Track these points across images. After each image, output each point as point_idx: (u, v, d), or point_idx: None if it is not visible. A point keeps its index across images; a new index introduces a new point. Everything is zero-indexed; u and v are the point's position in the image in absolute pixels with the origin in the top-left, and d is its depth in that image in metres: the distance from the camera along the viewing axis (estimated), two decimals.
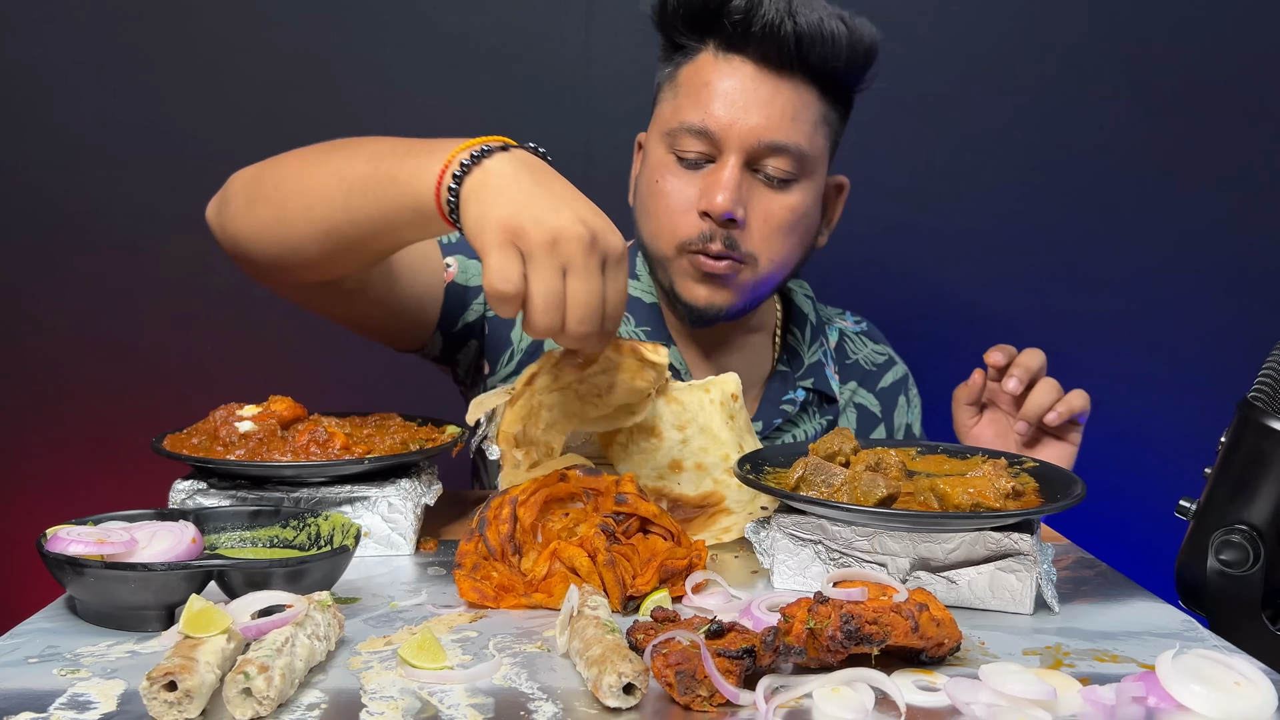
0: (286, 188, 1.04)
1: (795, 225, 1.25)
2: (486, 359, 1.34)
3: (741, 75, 1.20)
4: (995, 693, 0.65)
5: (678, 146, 1.23)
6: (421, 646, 0.72)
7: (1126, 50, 1.82)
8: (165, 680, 0.62)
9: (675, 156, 1.24)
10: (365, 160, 0.98)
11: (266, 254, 1.09)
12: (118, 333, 1.83)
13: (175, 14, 1.78)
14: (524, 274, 0.84)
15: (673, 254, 1.25)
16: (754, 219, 1.22)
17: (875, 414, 1.47)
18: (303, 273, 1.10)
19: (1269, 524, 0.88)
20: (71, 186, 1.81)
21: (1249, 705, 0.64)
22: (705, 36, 1.23)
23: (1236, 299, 1.85)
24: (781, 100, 1.20)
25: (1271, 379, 0.90)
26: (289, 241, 1.05)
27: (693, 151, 1.22)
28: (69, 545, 0.78)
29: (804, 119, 1.22)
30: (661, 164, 1.26)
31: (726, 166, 1.20)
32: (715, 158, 1.22)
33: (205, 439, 1.00)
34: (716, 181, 1.20)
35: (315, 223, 1.02)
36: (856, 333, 1.52)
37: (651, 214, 1.27)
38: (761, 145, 1.20)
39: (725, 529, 1.03)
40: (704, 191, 1.22)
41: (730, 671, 0.66)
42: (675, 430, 1.05)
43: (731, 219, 1.20)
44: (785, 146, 1.21)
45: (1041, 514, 0.86)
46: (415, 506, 0.99)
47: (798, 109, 1.21)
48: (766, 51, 1.19)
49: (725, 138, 1.20)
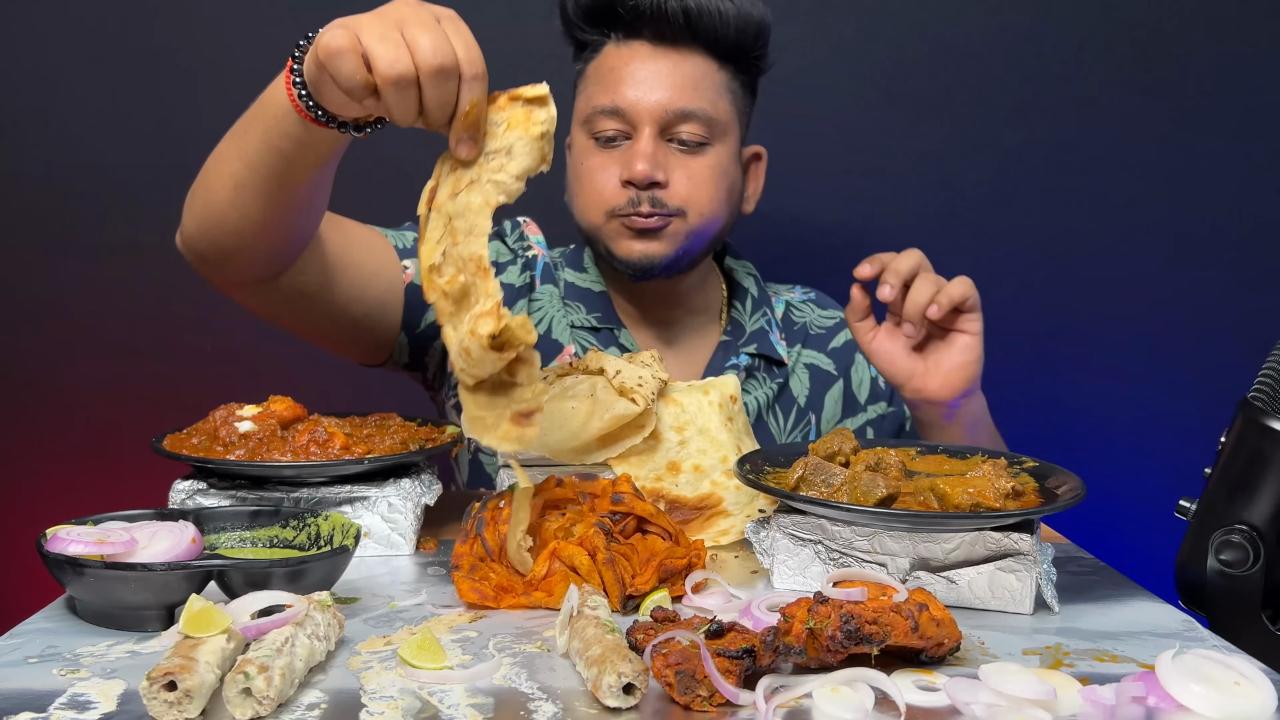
0: (210, 188, 1.12)
1: (717, 180, 1.34)
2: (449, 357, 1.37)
3: (642, 55, 1.32)
4: (995, 693, 0.65)
5: (594, 129, 1.33)
6: (421, 646, 0.72)
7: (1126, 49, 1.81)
8: (165, 680, 0.62)
9: (594, 140, 1.34)
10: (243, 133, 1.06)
11: (208, 239, 1.14)
12: (118, 333, 1.83)
13: (176, 13, 1.78)
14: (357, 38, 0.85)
15: (603, 220, 1.34)
16: (675, 179, 1.32)
17: (830, 372, 1.50)
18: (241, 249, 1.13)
19: (1269, 524, 0.88)
20: (71, 186, 1.81)
21: (1249, 705, 0.64)
22: (605, 29, 1.34)
23: (1236, 299, 1.85)
24: (682, 71, 1.31)
25: (1271, 379, 0.90)
26: (214, 216, 1.11)
27: (609, 129, 1.32)
28: (69, 545, 0.78)
29: (705, 86, 1.32)
30: (583, 149, 1.35)
31: (642, 138, 1.30)
32: (631, 134, 1.32)
33: (205, 439, 1.00)
34: (635, 152, 1.30)
35: (226, 187, 1.08)
36: (803, 301, 1.56)
37: (579, 193, 1.37)
38: (670, 113, 1.30)
39: (723, 531, 1.03)
40: (625, 163, 1.31)
41: (730, 671, 0.66)
42: (674, 432, 1.05)
43: (654, 182, 1.30)
44: (692, 112, 1.31)
45: (1041, 514, 0.86)
46: (415, 506, 0.99)
47: (698, 78, 1.32)
48: (660, 29, 1.30)
49: (636, 112, 1.30)
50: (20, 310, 1.84)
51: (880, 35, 1.82)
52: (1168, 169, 1.84)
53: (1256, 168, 1.83)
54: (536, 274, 1.45)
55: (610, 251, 1.35)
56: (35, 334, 1.84)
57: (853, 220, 1.86)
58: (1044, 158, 1.84)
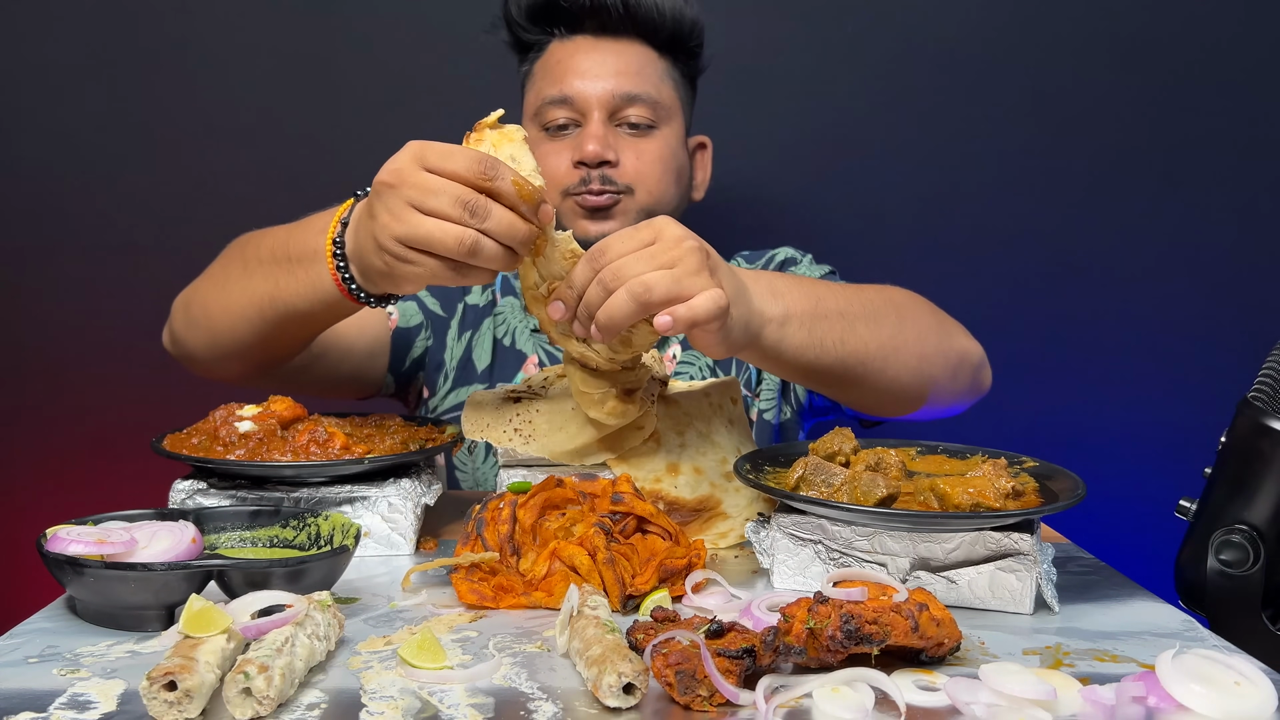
0: (210, 312, 1.17)
1: (666, 161, 1.39)
2: (425, 385, 1.45)
3: (585, 47, 1.38)
4: (995, 693, 0.65)
5: (544, 120, 1.39)
6: (421, 646, 0.72)
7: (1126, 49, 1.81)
8: (165, 680, 0.62)
9: (544, 130, 1.39)
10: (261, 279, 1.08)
11: (217, 364, 1.22)
12: (118, 333, 1.83)
13: (176, 14, 1.78)
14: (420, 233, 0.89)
15: (558, 202, 1.37)
16: (625, 159, 1.37)
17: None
18: (257, 371, 1.22)
19: (1269, 524, 0.88)
20: (71, 186, 1.81)
21: (1249, 705, 0.64)
22: (548, 28, 1.40)
23: (1236, 299, 1.85)
24: (625, 58, 1.37)
25: (1271, 379, 0.90)
26: (231, 352, 1.17)
27: (559, 118, 1.37)
28: (69, 545, 0.78)
29: (649, 73, 1.38)
30: (537, 141, 1.40)
31: (592, 122, 1.36)
32: (580, 121, 1.37)
33: (205, 439, 1.00)
34: (586, 134, 1.35)
35: (246, 336, 1.13)
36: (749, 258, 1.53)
37: None
38: (617, 98, 1.36)
39: (722, 534, 1.03)
40: (576, 146, 1.36)
41: (730, 671, 0.66)
42: (674, 434, 1.05)
43: (605, 161, 1.35)
44: (638, 95, 1.36)
45: (1041, 514, 0.86)
46: (415, 506, 0.99)
47: (641, 64, 1.38)
48: (603, 21, 1.37)
49: (584, 98, 1.36)
50: (20, 310, 1.84)
51: (881, 35, 1.82)
52: (1168, 169, 1.84)
53: (1257, 168, 1.83)
54: (496, 288, 1.48)
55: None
56: (35, 334, 1.84)
57: (853, 221, 1.86)
58: (1045, 158, 1.84)
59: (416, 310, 1.43)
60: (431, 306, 1.45)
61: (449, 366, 1.43)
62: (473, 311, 1.46)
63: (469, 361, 1.43)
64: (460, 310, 1.45)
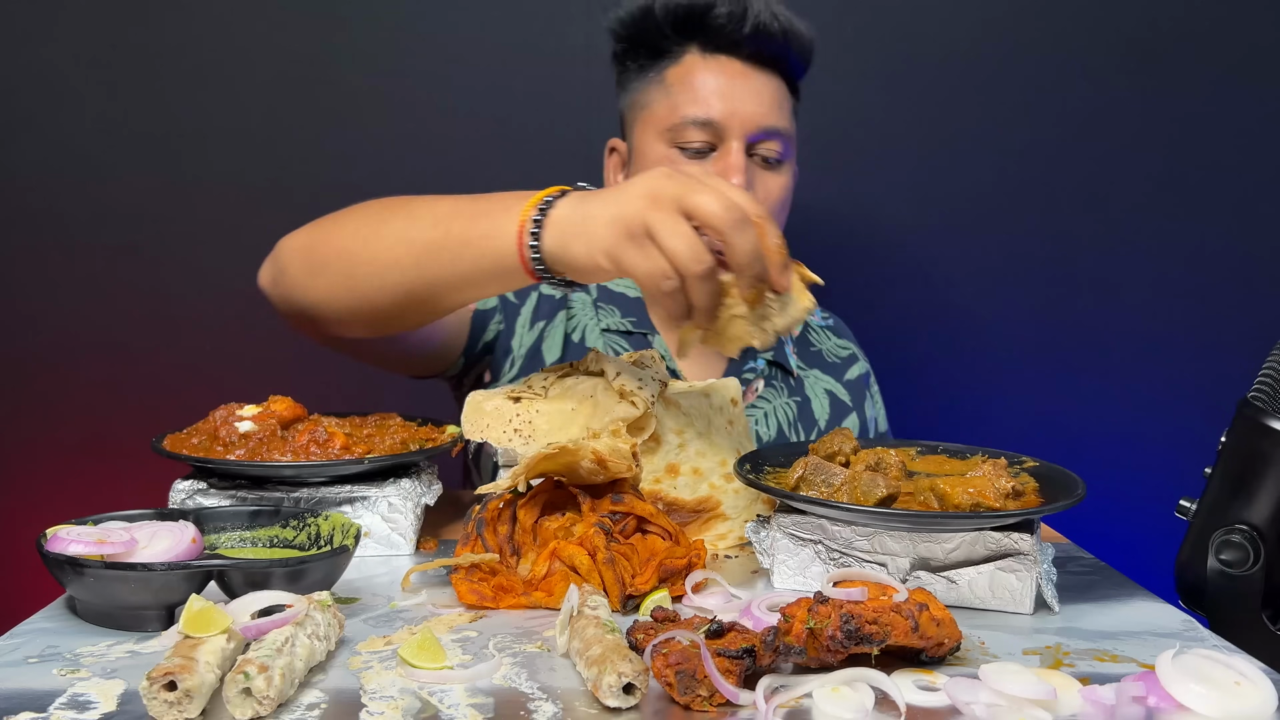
0: (351, 256, 1.07)
1: (787, 200, 1.40)
2: (490, 369, 1.43)
3: (733, 71, 1.34)
4: (995, 693, 0.65)
5: (681, 140, 1.34)
6: (421, 646, 0.72)
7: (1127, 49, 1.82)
8: (165, 680, 0.62)
9: (678, 149, 1.35)
10: (430, 225, 1.02)
11: (336, 316, 1.13)
12: (118, 333, 1.83)
13: (176, 15, 1.78)
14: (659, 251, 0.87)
15: None
16: (758, 193, 1.35)
17: (847, 403, 1.52)
18: (370, 330, 1.14)
19: (1269, 524, 0.88)
20: (72, 187, 1.81)
21: (1249, 705, 0.64)
22: (689, 39, 1.36)
23: (1236, 299, 1.85)
24: (769, 90, 1.35)
25: (1271, 379, 0.90)
26: (362, 305, 1.09)
27: (696, 141, 1.33)
28: (69, 545, 0.78)
29: (785, 106, 1.38)
30: (664, 158, 1.36)
31: (731, 152, 1.32)
32: (716, 146, 1.34)
33: (205, 439, 1.00)
34: (727, 165, 1.32)
35: (389, 288, 1.05)
36: (821, 326, 1.58)
37: None
38: (761, 130, 1.33)
39: (721, 535, 1.03)
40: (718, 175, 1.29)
41: (730, 671, 0.66)
42: (673, 434, 1.05)
43: None
44: (777, 130, 1.35)
45: (1041, 514, 0.86)
46: (415, 506, 0.99)
47: (779, 98, 1.37)
48: (758, 49, 1.34)
49: (728, 126, 1.32)
50: (20, 310, 1.84)
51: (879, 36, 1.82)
52: (1168, 170, 1.84)
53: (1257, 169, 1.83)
54: None
55: None
56: (35, 334, 1.84)
57: (853, 222, 1.86)
58: (1045, 160, 1.84)
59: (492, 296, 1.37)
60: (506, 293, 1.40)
61: (516, 353, 1.41)
62: (547, 301, 1.43)
63: (538, 352, 1.41)
64: (534, 299, 1.42)
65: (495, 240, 0.97)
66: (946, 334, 1.86)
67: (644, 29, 1.37)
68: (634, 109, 1.41)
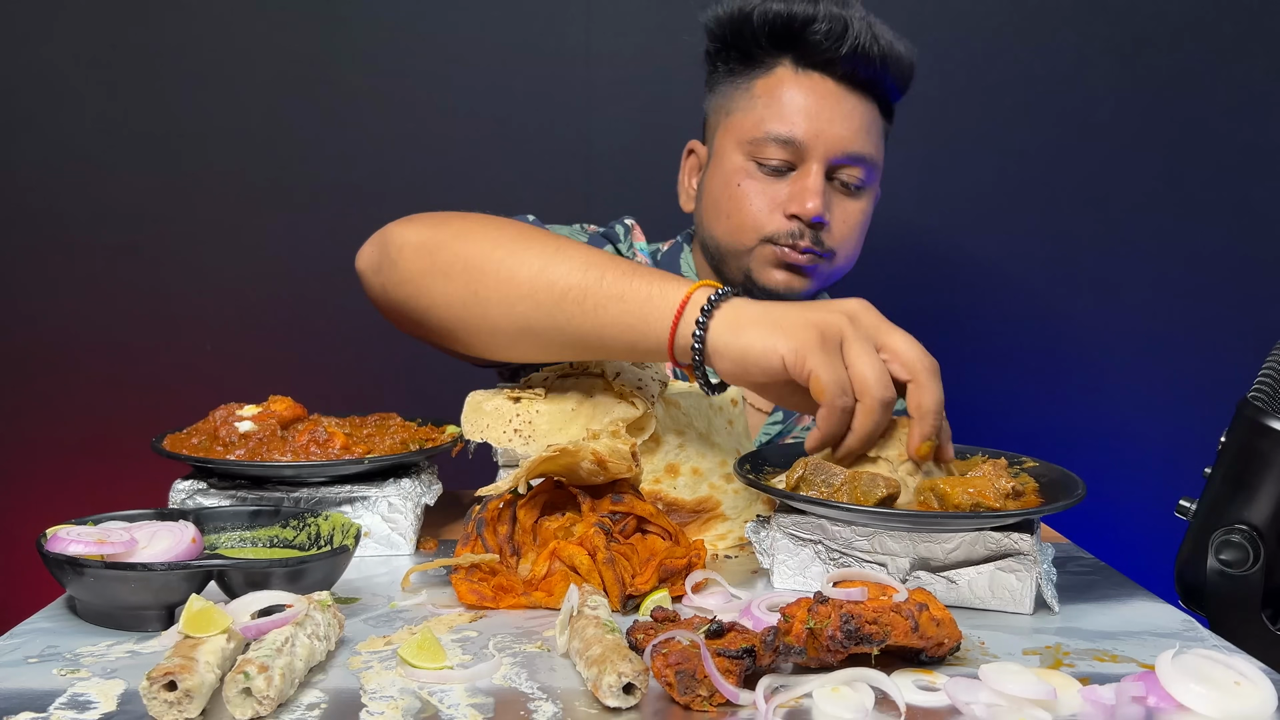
0: (483, 272, 1.00)
1: (865, 226, 1.37)
2: None
3: (824, 91, 1.30)
4: (995, 693, 0.65)
5: (760, 154, 1.31)
6: (421, 646, 0.72)
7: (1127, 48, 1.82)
8: (165, 680, 0.62)
9: (756, 163, 1.32)
10: (580, 267, 0.96)
11: (444, 326, 1.05)
12: (118, 333, 1.84)
13: (176, 15, 1.78)
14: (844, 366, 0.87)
15: (754, 244, 1.33)
16: (835, 221, 1.32)
17: None
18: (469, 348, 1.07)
19: (1269, 524, 0.88)
20: (72, 187, 1.81)
21: (1249, 705, 0.64)
22: (783, 51, 1.31)
23: (1236, 299, 1.85)
24: (859, 115, 1.31)
25: (1271, 379, 0.90)
26: (479, 325, 1.02)
27: (775, 159, 1.31)
28: (69, 545, 0.78)
29: (874, 132, 1.33)
30: (741, 169, 1.33)
31: (811, 174, 1.29)
32: (796, 165, 1.31)
33: (205, 439, 1.00)
34: (805, 187, 1.29)
35: (515, 318, 0.99)
36: None
37: (730, 213, 1.34)
38: (844, 155, 1.30)
39: (720, 535, 1.03)
40: (793, 196, 1.30)
41: (730, 671, 0.66)
42: (673, 434, 1.05)
43: (820, 221, 1.30)
44: (862, 157, 1.31)
45: (1041, 514, 0.86)
46: (415, 506, 0.99)
47: (869, 122, 1.32)
48: (853, 70, 1.29)
49: (811, 147, 1.29)
50: (20, 310, 1.84)
51: None
52: (1169, 170, 1.84)
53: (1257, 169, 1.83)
54: None
55: (751, 276, 1.34)
56: (35, 334, 1.84)
57: None
58: (1046, 160, 1.84)
59: None
60: None
61: None
62: None
63: None
64: None
65: (654, 303, 0.92)
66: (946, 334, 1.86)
67: (739, 33, 1.33)
68: (718, 113, 1.38)
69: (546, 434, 1.03)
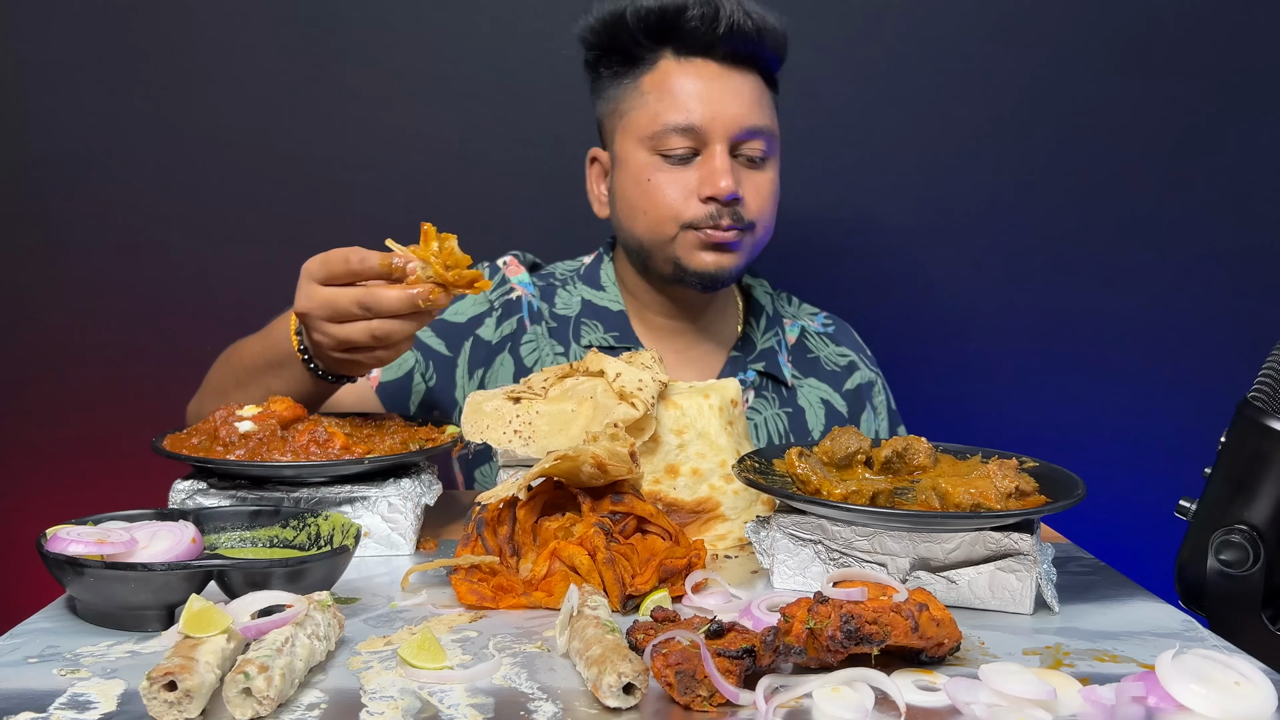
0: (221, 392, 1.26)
1: (776, 194, 1.40)
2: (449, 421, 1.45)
3: (710, 73, 1.33)
4: (995, 693, 0.65)
5: (663, 147, 1.34)
6: (421, 646, 0.72)
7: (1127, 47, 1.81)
8: (165, 680, 0.62)
9: (661, 156, 1.34)
10: (256, 388, 1.20)
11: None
12: (118, 333, 1.83)
13: (176, 14, 1.78)
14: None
15: (676, 232, 1.35)
16: (747, 194, 1.35)
17: (842, 414, 1.51)
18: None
19: (1269, 524, 0.88)
20: (72, 186, 1.81)
21: (1249, 705, 0.64)
22: (663, 44, 1.34)
23: (1237, 299, 1.85)
24: (748, 90, 1.34)
25: (1271, 379, 0.90)
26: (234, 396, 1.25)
27: (679, 148, 1.33)
28: (69, 545, 0.78)
29: (764, 103, 1.36)
30: (648, 165, 1.35)
31: (716, 155, 1.32)
32: (700, 150, 1.33)
33: (205, 439, 1.00)
34: (714, 169, 1.32)
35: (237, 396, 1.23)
36: (820, 333, 1.56)
37: (646, 209, 1.36)
38: (743, 130, 1.33)
39: (720, 535, 1.03)
40: (704, 180, 1.32)
41: (730, 671, 0.66)
42: (673, 435, 1.05)
43: (736, 198, 1.32)
44: (760, 129, 1.34)
45: (1041, 514, 0.86)
46: (415, 506, 0.99)
47: (758, 95, 1.35)
48: (733, 49, 1.32)
49: (710, 130, 1.32)
50: (20, 310, 1.84)
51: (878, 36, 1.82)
52: (1169, 170, 1.84)
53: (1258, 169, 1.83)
54: (524, 315, 1.44)
55: (680, 263, 1.36)
56: (35, 334, 1.84)
57: (854, 222, 1.86)
58: (1044, 158, 1.84)
59: (407, 357, 1.39)
60: (435, 345, 1.41)
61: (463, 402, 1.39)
62: (484, 347, 1.42)
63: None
64: (468, 347, 1.41)
65: (304, 385, 1.15)
66: (947, 334, 1.86)
67: (616, 36, 1.36)
68: (612, 117, 1.40)
69: (546, 435, 1.03)
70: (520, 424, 1.04)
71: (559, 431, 1.03)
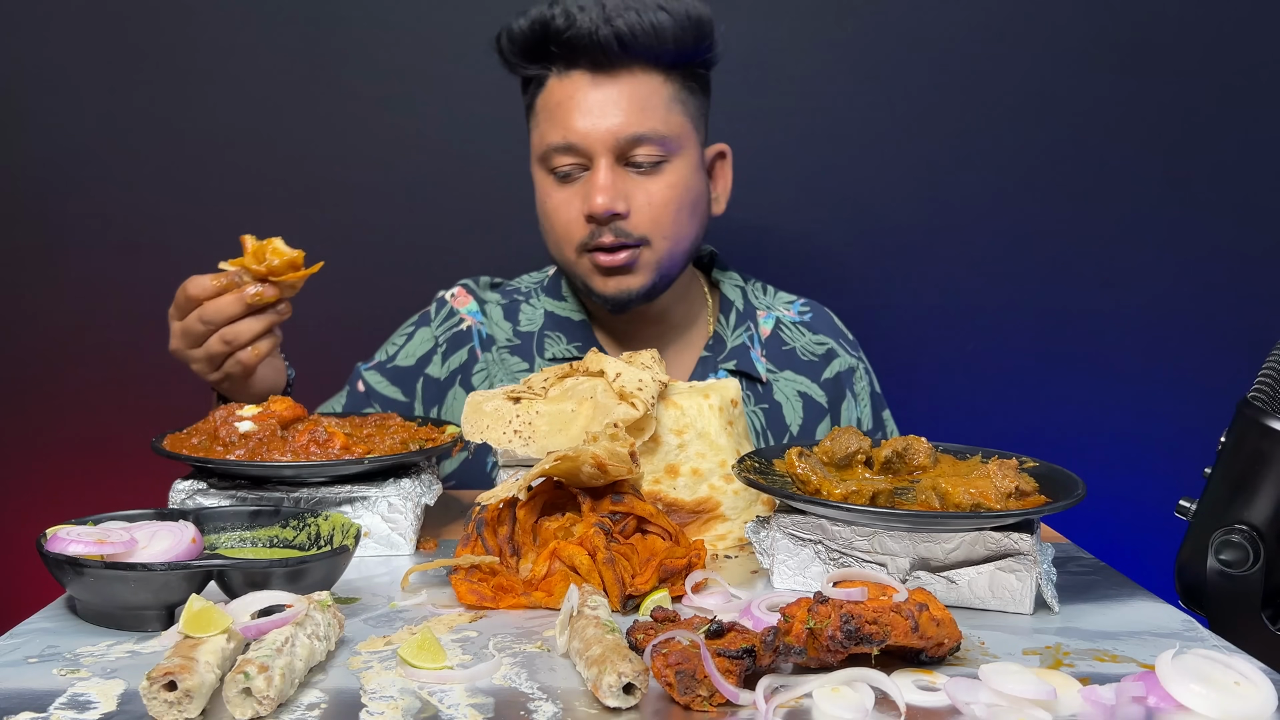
0: None
1: (679, 201, 1.33)
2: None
3: (583, 86, 1.30)
4: (995, 693, 0.65)
5: (551, 165, 1.33)
6: (421, 646, 0.72)
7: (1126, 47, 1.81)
8: (165, 680, 0.62)
9: (552, 175, 1.34)
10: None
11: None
12: (118, 333, 1.83)
13: (176, 14, 1.78)
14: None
15: (575, 256, 1.35)
16: (636, 206, 1.31)
17: (822, 405, 1.48)
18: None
19: (1269, 524, 0.88)
20: (71, 186, 1.81)
21: (1249, 705, 0.64)
22: (545, 64, 1.33)
23: (1237, 299, 1.85)
24: (628, 95, 1.29)
25: (1271, 379, 0.90)
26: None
27: (565, 164, 1.32)
28: (69, 545, 0.78)
29: (653, 105, 1.30)
30: (543, 185, 1.36)
31: (599, 170, 1.29)
32: (588, 165, 1.31)
33: (205, 439, 1.00)
34: (593, 185, 1.29)
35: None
36: (796, 322, 1.52)
37: (548, 231, 1.38)
38: (623, 140, 1.29)
39: (720, 535, 1.03)
40: (584, 198, 1.31)
41: (730, 671, 0.66)
42: (673, 435, 1.05)
43: (614, 214, 1.29)
44: (645, 135, 1.29)
45: (1041, 514, 0.86)
46: (415, 506, 0.99)
47: (644, 98, 1.30)
48: (596, 58, 1.28)
49: (588, 145, 1.29)
50: (20, 310, 1.84)
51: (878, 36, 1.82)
52: (1169, 170, 1.84)
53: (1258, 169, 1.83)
54: (475, 344, 1.44)
55: (587, 287, 1.36)
56: (35, 334, 1.84)
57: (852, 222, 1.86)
58: (1044, 158, 1.84)
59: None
60: (390, 394, 1.43)
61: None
62: (434, 385, 1.43)
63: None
64: (419, 388, 1.43)
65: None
66: (947, 334, 1.86)
67: (506, 63, 1.36)
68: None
69: (546, 435, 1.03)
70: (520, 424, 1.04)
71: (559, 431, 1.03)
